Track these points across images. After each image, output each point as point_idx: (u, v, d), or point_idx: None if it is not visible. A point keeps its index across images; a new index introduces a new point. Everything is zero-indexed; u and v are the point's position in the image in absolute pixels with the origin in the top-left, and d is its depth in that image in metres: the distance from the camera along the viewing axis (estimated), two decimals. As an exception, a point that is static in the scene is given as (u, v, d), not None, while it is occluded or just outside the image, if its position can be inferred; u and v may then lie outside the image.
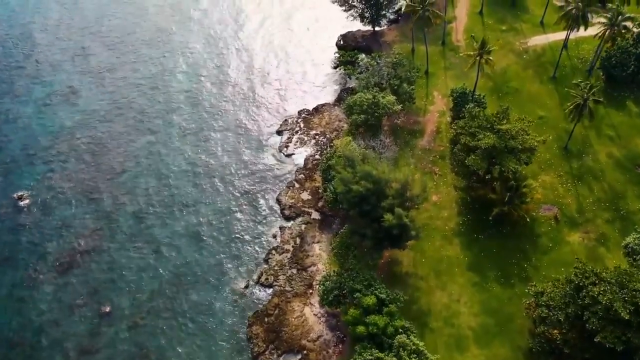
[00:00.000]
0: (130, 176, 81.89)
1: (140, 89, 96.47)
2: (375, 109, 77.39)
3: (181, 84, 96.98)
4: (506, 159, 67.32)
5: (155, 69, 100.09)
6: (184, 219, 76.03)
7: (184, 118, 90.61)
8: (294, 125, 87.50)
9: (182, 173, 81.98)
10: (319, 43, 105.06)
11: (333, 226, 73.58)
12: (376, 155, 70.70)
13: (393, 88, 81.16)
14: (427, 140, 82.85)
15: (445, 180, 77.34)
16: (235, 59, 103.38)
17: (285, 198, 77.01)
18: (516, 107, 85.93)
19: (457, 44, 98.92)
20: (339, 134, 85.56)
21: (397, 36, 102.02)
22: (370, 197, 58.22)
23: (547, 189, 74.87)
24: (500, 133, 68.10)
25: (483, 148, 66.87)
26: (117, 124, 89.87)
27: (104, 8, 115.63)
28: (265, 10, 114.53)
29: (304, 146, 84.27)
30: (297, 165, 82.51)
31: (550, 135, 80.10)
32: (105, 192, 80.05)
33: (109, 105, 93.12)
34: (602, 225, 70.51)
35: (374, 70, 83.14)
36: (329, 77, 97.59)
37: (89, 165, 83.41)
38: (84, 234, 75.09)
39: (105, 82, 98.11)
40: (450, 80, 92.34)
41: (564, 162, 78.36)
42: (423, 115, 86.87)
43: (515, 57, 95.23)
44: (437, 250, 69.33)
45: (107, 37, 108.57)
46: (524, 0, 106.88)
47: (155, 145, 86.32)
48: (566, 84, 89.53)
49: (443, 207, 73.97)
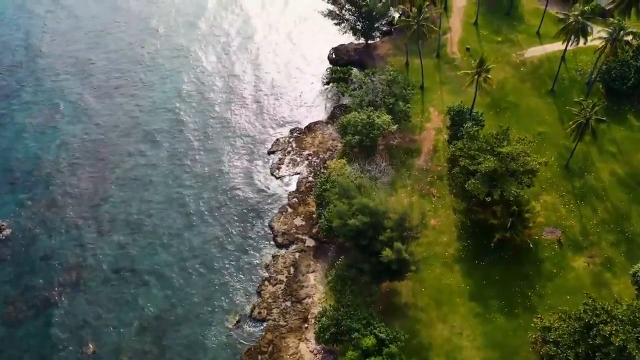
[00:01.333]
0: (115, 203, 78.26)
1: (124, 110, 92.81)
2: (370, 130, 74.42)
3: (166, 105, 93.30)
4: (507, 182, 64.64)
5: (139, 91, 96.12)
6: (170, 249, 72.55)
7: (170, 141, 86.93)
8: (285, 145, 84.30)
9: (168, 199, 78.42)
10: (310, 57, 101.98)
11: (328, 254, 70.48)
12: (372, 181, 67.64)
13: (388, 106, 78.22)
14: (424, 160, 79.97)
15: (443, 202, 74.49)
16: (223, 76, 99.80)
17: (277, 224, 73.81)
18: (515, 123, 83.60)
19: (452, 56, 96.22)
20: (333, 153, 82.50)
21: (391, 49, 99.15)
22: (367, 231, 55.23)
23: (549, 210, 72.24)
24: (501, 156, 65.40)
25: (483, 172, 64.15)
26: (101, 147, 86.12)
27: (78, 24, 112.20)
28: (253, 25, 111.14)
29: (296, 167, 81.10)
30: (290, 188, 79.30)
31: (552, 156, 77.72)
32: (89, 220, 76.37)
33: (92, 128, 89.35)
34: (607, 249, 67.96)
35: (368, 88, 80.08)
36: (321, 93, 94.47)
37: (72, 191, 79.63)
38: (66, 267, 71.39)
39: (89, 103, 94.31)
40: (447, 95, 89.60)
41: (566, 181, 75.78)
42: (419, 132, 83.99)
43: (512, 70, 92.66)
44: (437, 278, 66.43)
45: (92, 56, 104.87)
46: (519, 9, 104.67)
47: (140, 169, 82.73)
48: (565, 97, 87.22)
49: (442, 232, 71.10)
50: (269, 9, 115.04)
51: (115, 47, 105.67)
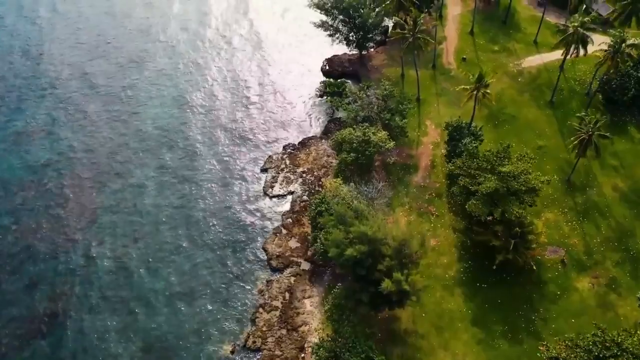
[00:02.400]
0: (102, 226, 75.33)
1: (113, 127, 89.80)
2: (366, 147, 72.05)
3: (154, 122, 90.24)
4: (509, 202, 62.50)
5: (124, 110, 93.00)
6: (160, 275, 69.71)
7: (158, 160, 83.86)
8: (279, 162, 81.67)
9: (157, 222, 75.44)
10: (303, 69, 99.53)
11: (325, 277, 67.98)
12: (369, 201, 65.22)
13: (384, 122, 75.85)
14: (421, 176, 77.66)
15: (442, 221, 72.20)
16: (212, 91, 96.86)
17: (272, 246, 71.22)
18: (514, 136, 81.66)
19: (448, 67, 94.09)
20: (328, 170, 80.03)
21: (385, 60, 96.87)
22: (365, 260, 52.79)
23: (551, 228, 70.16)
24: (502, 175, 63.22)
25: (484, 193, 61.97)
26: (88, 166, 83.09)
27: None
28: (243, 38, 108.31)
29: (290, 186, 78.49)
30: (284, 207, 76.69)
31: (553, 171, 75.76)
32: (76, 245, 73.38)
33: (79, 146, 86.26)
34: (611, 269, 65.93)
35: (363, 102, 77.67)
36: (315, 106, 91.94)
37: (57, 215, 76.55)
38: (52, 296, 68.37)
39: (74, 120, 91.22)
40: (443, 107, 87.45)
41: (568, 197, 73.73)
42: (416, 147, 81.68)
43: (510, 80, 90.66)
44: (438, 302, 64.09)
45: (78, 72, 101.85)
46: (515, 16, 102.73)
47: (129, 189, 79.78)
48: (565, 108, 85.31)
49: (442, 253, 68.80)
50: (259, 20, 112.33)
51: (88, 64, 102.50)
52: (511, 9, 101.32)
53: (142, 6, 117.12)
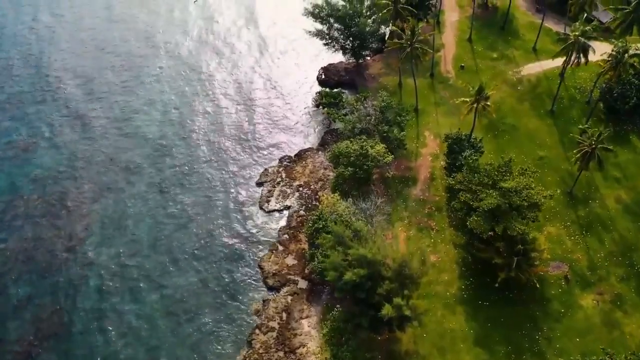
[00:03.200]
0: (93, 244, 73.16)
1: (101, 139, 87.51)
2: (364, 161, 70.26)
3: (146, 134, 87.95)
4: (511, 218, 60.89)
5: (116, 120, 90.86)
6: (153, 295, 67.63)
7: (150, 174, 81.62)
8: (275, 175, 79.79)
9: (150, 239, 73.36)
10: (299, 78, 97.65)
11: (323, 296, 66.17)
12: (367, 219, 63.50)
13: (382, 134, 74.08)
14: (420, 189, 75.96)
15: (443, 236, 70.53)
16: (205, 101, 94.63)
17: (268, 264, 69.34)
18: (514, 147, 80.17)
19: (446, 75, 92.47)
20: (325, 184, 78.18)
21: (383, 68, 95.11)
22: (364, 284, 51.03)
23: (554, 242, 68.59)
24: (503, 190, 61.60)
25: (486, 210, 60.34)
26: (78, 181, 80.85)
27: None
28: (237, 46, 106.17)
29: (286, 200, 76.60)
30: (280, 223, 74.80)
31: (555, 183, 74.25)
32: (66, 264, 71.18)
33: (69, 160, 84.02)
34: (616, 285, 64.44)
35: (361, 114, 75.90)
36: (311, 117, 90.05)
37: (46, 232, 74.32)
38: (42, 317, 66.24)
39: (65, 133, 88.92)
40: (442, 117, 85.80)
41: (570, 210, 72.19)
42: (415, 159, 79.99)
43: (509, 89, 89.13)
44: (439, 322, 62.38)
45: (69, 82, 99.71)
46: (514, 23, 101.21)
47: (120, 205, 77.61)
48: (565, 117, 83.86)
49: (443, 270, 67.11)
50: (253, 28, 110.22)
51: (87, 72, 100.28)
52: (509, 15, 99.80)
53: (138, 14, 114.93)
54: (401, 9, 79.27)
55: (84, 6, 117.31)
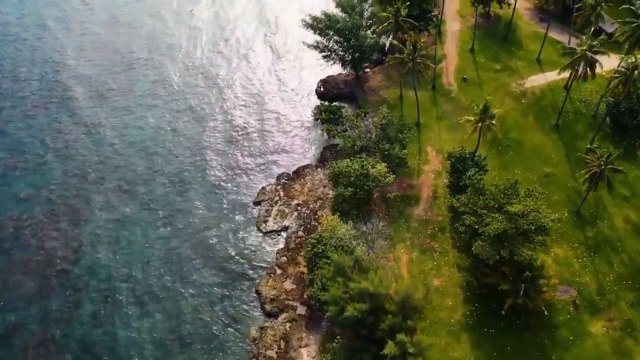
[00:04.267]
0: (84, 268, 70.62)
1: (95, 155, 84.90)
2: (365, 181, 67.90)
3: (140, 149, 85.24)
4: (518, 243, 58.60)
5: (109, 134, 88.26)
6: (145, 322, 65.08)
7: (145, 191, 79.10)
8: (272, 194, 77.32)
9: (144, 261, 70.85)
10: (297, 90, 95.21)
11: (322, 323, 63.72)
12: (369, 244, 61.18)
13: (383, 152, 71.69)
14: (423, 209, 73.59)
15: (446, 259, 68.19)
16: (201, 114, 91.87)
17: (265, 288, 66.92)
18: (518, 163, 77.96)
19: (448, 88, 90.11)
20: (324, 203, 75.80)
21: (383, 80, 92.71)
22: (366, 319, 48.67)
23: (561, 265, 66.33)
24: (510, 214, 59.26)
25: (492, 235, 58.04)
26: (70, 200, 78.31)
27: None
28: (234, 58, 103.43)
29: (285, 220, 74.13)
30: (278, 244, 72.36)
31: (561, 202, 71.99)
32: (56, 289, 68.75)
33: (60, 177, 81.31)
34: (626, 310, 62.23)
35: (361, 131, 73.52)
36: (310, 131, 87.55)
37: (36, 255, 71.77)
38: (30, 345, 63.75)
39: (56, 147, 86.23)
40: (444, 132, 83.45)
41: (577, 230, 69.94)
42: (417, 177, 77.62)
43: (513, 102, 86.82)
44: (444, 351, 60.00)
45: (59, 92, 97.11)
46: (517, 32, 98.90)
47: (113, 225, 75.03)
48: (571, 132, 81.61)
49: (447, 294, 64.77)
50: (250, 39, 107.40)
51: (77, 88, 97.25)
52: (512, 25, 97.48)
53: (135, 26, 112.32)
54: (402, 21, 76.98)
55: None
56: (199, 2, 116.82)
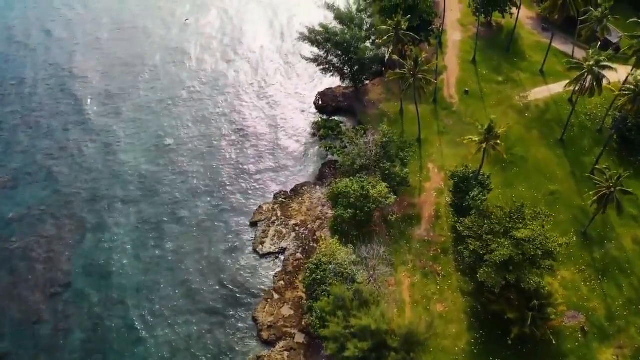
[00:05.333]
0: (74, 292, 68.04)
1: (87, 173, 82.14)
2: (365, 202, 65.55)
3: (132, 166, 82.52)
4: (525, 269, 56.33)
5: (103, 150, 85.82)
6: (136, 351, 62.61)
7: (137, 210, 76.51)
8: (269, 213, 74.85)
9: (136, 286, 68.15)
10: (295, 103, 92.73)
11: (321, 352, 61.21)
12: (370, 271, 58.86)
13: (383, 172, 69.34)
14: (425, 229, 71.27)
15: (449, 282, 65.88)
16: (194, 128, 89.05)
17: (262, 315, 64.51)
18: (523, 180, 75.75)
19: (450, 101, 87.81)
20: (323, 223, 73.39)
21: (383, 93, 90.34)
22: (368, 358, 46.35)
23: (568, 289, 64.11)
24: (516, 239, 56.99)
25: (498, 262, 55.77)
26: (60, 221, 75.58)
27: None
28: (230, 69, 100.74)
29: (282, 241, 71.70)
30: (276, 267, 69.93)
31: (568, 221, 69.75)
32: (45, 315, 66.17)
33: (50, 198, 78.55)
34: (637, 337, 60.02)
35: (360, 150, 71.15)
36: (308, 147, 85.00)
37: (24, 279, 69.20)
38: (19, 376, 61.45)
39: (46, 163, 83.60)
40: (446, 148, 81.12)
41: (585, 252, 67.69)
42: (418, 195, 75.27)
43: (517, 115, 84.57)
44: (448, 382, 57.88)
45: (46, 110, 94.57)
46: (519, 43, 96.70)
47: (104, 247, 72.40)
48: (576, 147, 79.38)
49: (450, 320, 62.46)
50: (244, 50, 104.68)
51: (67, 103, 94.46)
52: (514, 35, 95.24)
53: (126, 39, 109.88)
54: (403, 34, 74.62)
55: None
56: (194, 11, 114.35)
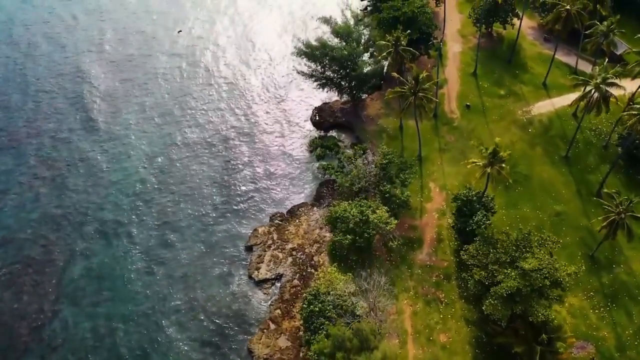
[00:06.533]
0: (61, 323, 65.03)
1: (76, 193, 79.09)
2: (364, 228, 62.90)
3: (123, 189, 79.47)
4: (533, 302, 53.77)
5: (93, 169, 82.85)
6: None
7: (127, 234, 73.54)
8: (265, 237, 72.05)
9: (125, 317, 65.30)
10: (291, 119, 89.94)
11: (320, 387, 58.61)
12: (370, 304, 56.20)
13: (383, 195, 66.66)
14: (427, 253, 68.65)
15: (453, 310, 63.26)
16: (186, 146, 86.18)
17: (258, 346, 61.75)
18: (527, 200, 73.23)
19: (451, 116, 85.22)
20: (321, 247, 70.65)
21: (382, 108, 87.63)
22: (370, 405, 43.89)
23: (576, 317, 61.62)
24: (523, 270, 54.43)
25: (505, 294, 53.22)
26: (47, 246, 72.58)
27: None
28: (227, 85, 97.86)
29: (279, 267, 68.92)
30: (272, 295, 67.15)
31: (574, 244, 67.26)
32: (31, 345, 63.18)
33: (37, 221, 75.55)
34: (649, 369, 57.63)
35: (359, 172, 68.46)
36: (304, 166, 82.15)
37: (8, 309, 66.20)
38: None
39: (33, 188, 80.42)
40: (448, 166, 78.51)
41: (593, 276, 65.20)
42: (419, 216, 72.61)
43: (520, 131, 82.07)
44: (453, 419, 55.31)
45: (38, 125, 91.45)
46: (521, 54, 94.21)
47: (92, 275, 69.41)
48: (581, 165, 76.88)
49: (454, 352, 59.85)
50: (239, 64, 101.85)
51: (55, 121, 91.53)
52: (516, 46, 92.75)
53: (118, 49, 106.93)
54: (402, 50, 71.99)
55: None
56: (187, 23, 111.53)
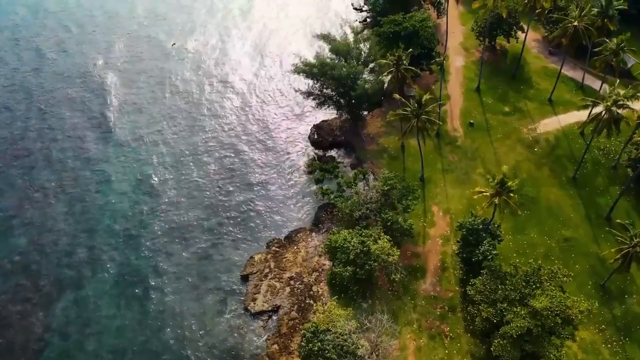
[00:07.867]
0: (50, 357, 62.14)
1: (64, 219, 75.73)
2: (365, 259, 60.06)
3: (115, 211, 76.70)
4: (544, 342, 51.03)
5: (84, 189, 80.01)
6: None
7: (118, 263, 70.30)
8: (262, 265, 69.12)
9: (117, 350, 62.25)
10: (288, 137, 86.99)
11: None
12: (372, 343, 53.37)
13: (385, 223, 63.80)
14: (430, 283, 65.81)
15: (459, 345, 60.39)
16: (180, 165, 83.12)
17: (255, 385, 58.93)
18: (534, 225, 70.57)
19: (454, 134, 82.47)
20: (320, 275, 67.76)
21: (382, 127, 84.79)
22: None
23: (588, 352, 58.84)
24: (534, 310, 51.66)
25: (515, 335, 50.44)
26: (34, 276, 69.37)
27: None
28: (223, 100, 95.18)
29: (276, 298, 65.95)
30: (268, 328, 64.21)
31: (585, 273, 64.57)
32: (18, 386, 60.56)
33: (23, 249, 72.36)
34: (665, 409, 54.87)
35: (360, 198, 65.62)
36: (302, 188, 79.07)
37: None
38: None
39: (20, 212, 77.25)
40: (451, 188, 75.73)
41: (604, 308, 62.40)
42: (422, 243, 69.79)
43: (525, 151, 79.35)
44: None
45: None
46: (526, 68, 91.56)
47: (82, 307, 66.18)
48: (590, 186, 74.20)
49: (461, 392, 57.18)
50: (234, 80, 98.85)
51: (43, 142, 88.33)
52: (520, 61, 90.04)
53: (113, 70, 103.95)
54: (404, 70, 69.18)
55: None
56: (182, 36, 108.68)
